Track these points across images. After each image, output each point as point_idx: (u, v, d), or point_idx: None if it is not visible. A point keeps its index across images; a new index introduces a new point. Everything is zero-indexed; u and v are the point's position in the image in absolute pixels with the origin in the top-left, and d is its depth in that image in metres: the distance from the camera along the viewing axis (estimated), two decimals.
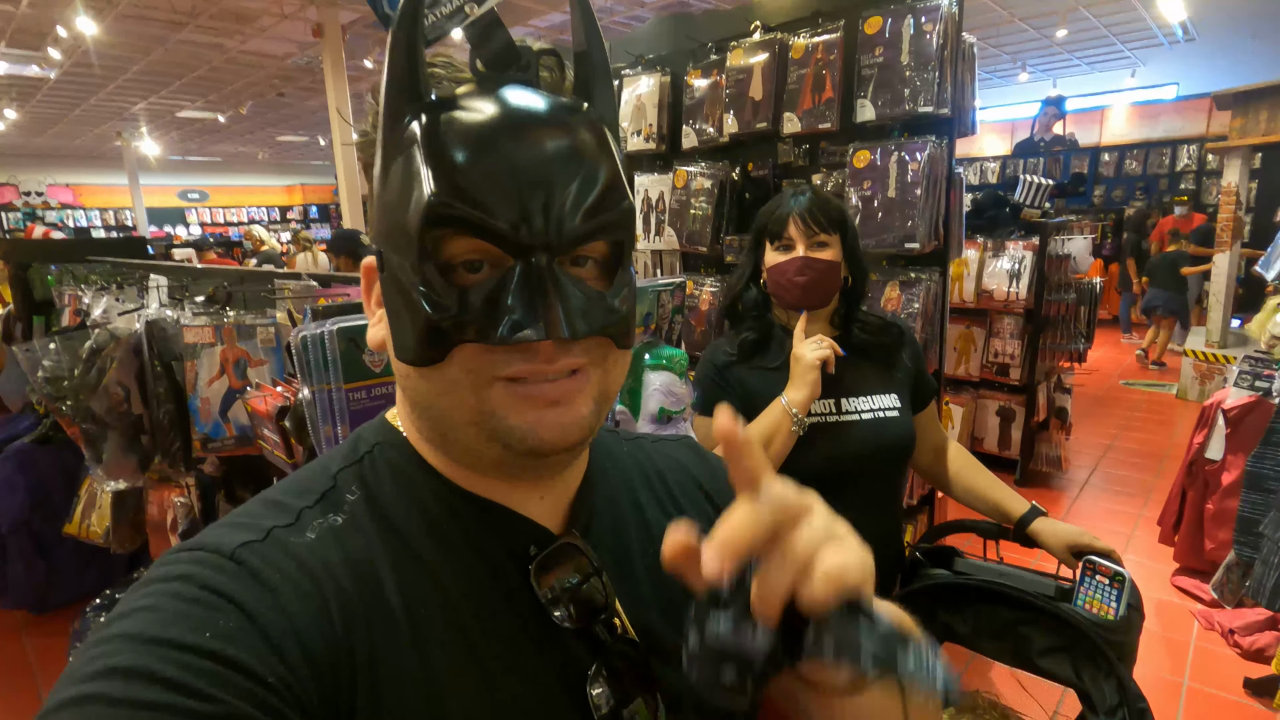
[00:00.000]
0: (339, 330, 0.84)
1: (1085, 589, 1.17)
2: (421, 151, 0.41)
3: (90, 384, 1.70)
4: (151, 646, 0.35)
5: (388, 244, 0.44)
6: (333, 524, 0.45)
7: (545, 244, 0.41)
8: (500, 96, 0.43)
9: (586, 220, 0.42)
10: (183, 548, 0.42)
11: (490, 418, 0.43)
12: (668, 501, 0.59)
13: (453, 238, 0.41)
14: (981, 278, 3.83)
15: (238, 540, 0.42)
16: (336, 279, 1.51)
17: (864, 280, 1.35)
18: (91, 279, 2.68)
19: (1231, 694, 2.32)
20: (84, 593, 2.81)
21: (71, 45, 7.51)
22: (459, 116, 0.41)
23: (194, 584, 0.39)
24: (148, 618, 0.37)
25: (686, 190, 2.93)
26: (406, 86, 0.42)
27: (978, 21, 7.85)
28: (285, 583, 0.41)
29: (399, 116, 0.42)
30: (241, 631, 0.37)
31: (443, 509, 0.48)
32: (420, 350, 0.43)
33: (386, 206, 0.43)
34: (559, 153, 0.42)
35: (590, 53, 0.47)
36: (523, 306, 0.41)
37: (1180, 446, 4.30)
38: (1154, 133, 9.73)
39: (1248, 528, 2.13)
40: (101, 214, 15.50)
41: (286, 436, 1.26)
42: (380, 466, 0.49)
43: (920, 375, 1.39)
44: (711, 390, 1.35)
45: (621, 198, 0.44)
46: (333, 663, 0.40)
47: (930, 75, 2.28)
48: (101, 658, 0.35)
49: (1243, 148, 5.03)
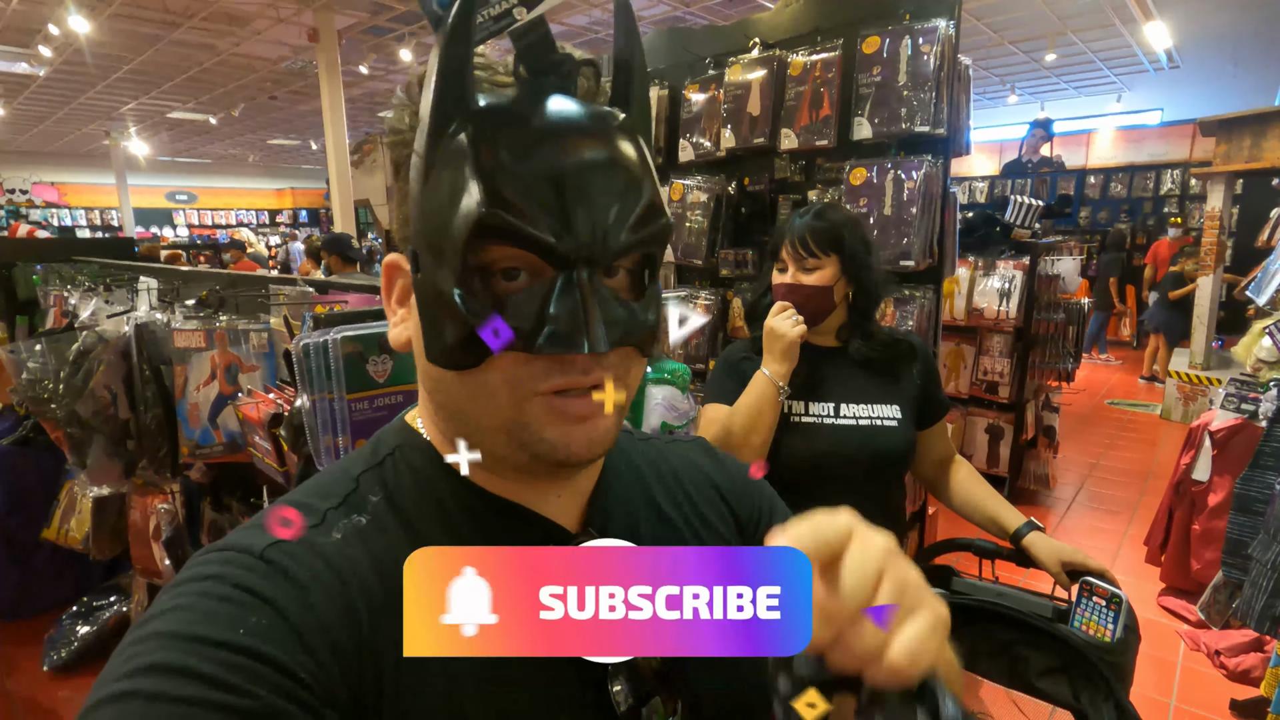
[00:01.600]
0: (343, 339, 0.82)
1: (1082, 610, 1.17)
2: (470, 162, 0.41)
3: (76, 387, 1.66)
4: (187, 644, 0.36)
5: (426, 247, 0.43)
6: (357, 524, 0.46)
7: (589, 257, 0.41)
8: (546, 108, 0.43)
9: (631, 235, 0.43)
10: (212, 549, 0.43)
11: (524, 429, 0.44)
12: (684, 502, 0.60)
13: (495, 246, 0.42)
14: (972, 296, 3.86)
15: (266, 540, 0.42)
16: (334, 285, 1.50)
17: (869, 295, 1.35)
18: (79, 279, 2.64)
19: (1218, 715, 2.33)
20: (59, 600, 2.75)
21: (62, 43, 7.44)
22: (507, 128, 0.42)
23: (226, 583, 0.40)
24: (182, 616, 0.38)
25: (683, 203, 2.93)
26: (455, 93, 0.41)
27: (969, 44, 7.98)
28: (314, 581, 0.41)
29: (446, 122, 0.42)
30: (274, 628, 0.38)
31: (461, 509, 0.49)
32: (457, 355, 0.43)
33: (427, 211, 0.43)
34: (604, 166, 0.42)
35: (631, 58, 0.47)
36: (564, 318, 0.41)
37: (1164, 466, 4.35)
38: (1139, 156, 9.90)
39: (1236, 549, 2.15)
40: (87, 213, 15.33)
41: (278, 444, 1.24)
42: (401, 469, 0.50)
43: (930, 393, 1.41)
44: (719, 379, 1.40)
45: (661, 213, 0.45)
46: (360, 660, 0.41)
47: (927, 95, 2.31)
48: (138, 656, 0.36)
49: (1226, 173, 5.13)
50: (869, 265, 1.33)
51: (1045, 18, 7.44)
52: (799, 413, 1.35)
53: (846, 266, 1.31)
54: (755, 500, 0.64)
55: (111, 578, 2.78)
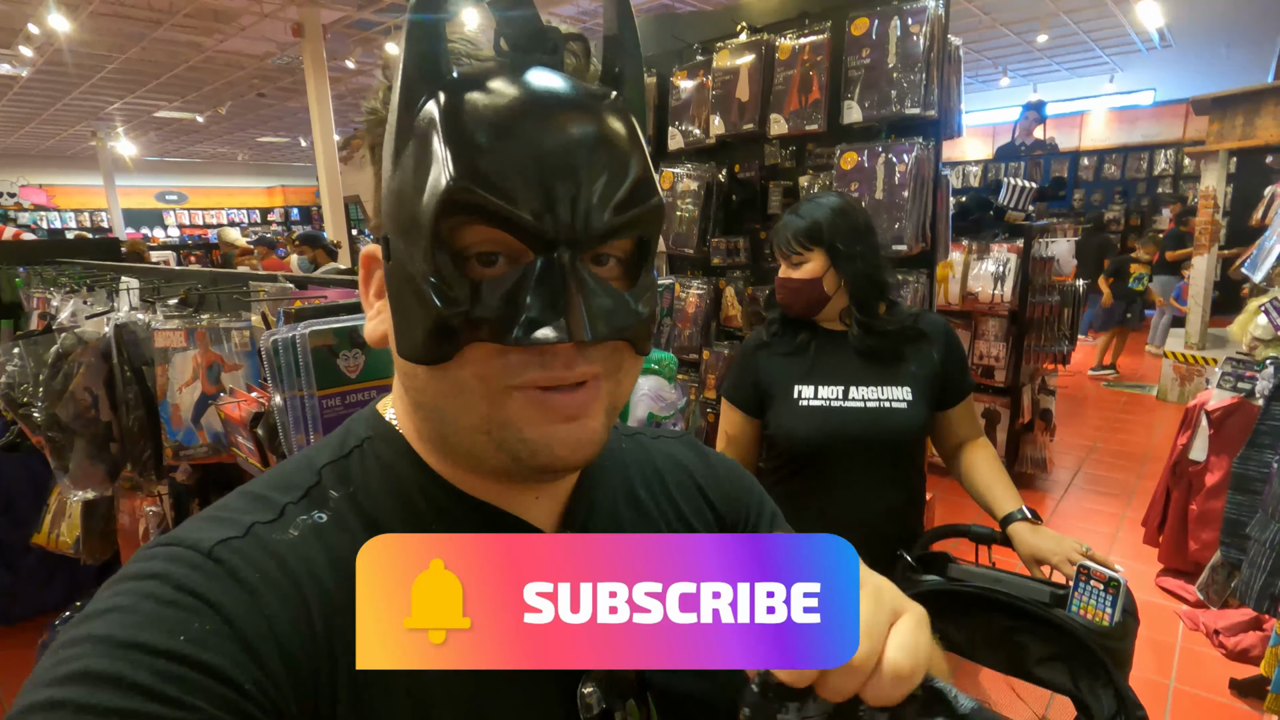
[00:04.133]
0: (311, 333, 0.79)
1: (1080, 594, 1.15)
2: (440, 133, 0.37)
3: (56, 390, 1.63)
4: (123, 650, 0.34)
5: (396, 230, 0.40)
6: (316, 521, 0.43)
7: (570, 238, 0.38)
8: (526, 79, 0.39)
9: (616, 215, 0.39)
10: (159, 542, 0.40)
11: (503, 428, 0.41)
12: (665, 502, 0.57)
13: (469, 226, 0.38)
14: (967, 280, 3.84)
15: (217, 536, 0.40)
16: (314, 280, 1.47)
17: (864, 281, 1.35)
18: (61, 281, 2.60)
19: (1219, 695, 2.32)
20: (50, 604, 2.73)
21: (44, 43, 7.35)
22: (482, 98, 0.38)
23: (169, 584, 0.37)
24: (120, 619, 0.35)
25: (673, 192, 2.90)
26: (427, 62, 0.38)
27: (960, 26, 7.92)
28: (265, 583, 0.39)
29: (416, 94, 0.39)
30: (217, 635, 0.36)
31: (431, 509, 0.46)
32: (428, 347, 0.40)
33: (397, 190, 0.40)
34: (588, 141, 0.39)
35: (622, 37, 0.44)
36: (542, 305, 0.38)
37: (1160, 447, 4.35)
38: (1132, 137, 9.87)
39: (1234, 529, 2.14)
40: (76, 215, 15.21)
41: (261, 444, 1.21)
42: (369, 462, 0.47)
43: (951, 375, 1.41)
44: (737, 374, 1.47)
45: (652, 193, 0.41)
46: (313, 668, 0.38)
47: (917, 77, 2.28)
48: (71, 660, 0.33)
49: (1220, 152, 5.10)
50: (856, 254, 1.34)
51: None
52: (808, 396, 1.37)
53: (832, 257, 1.34)
54: (743, 502, 0.61)
55: (103, 581, 2.76)
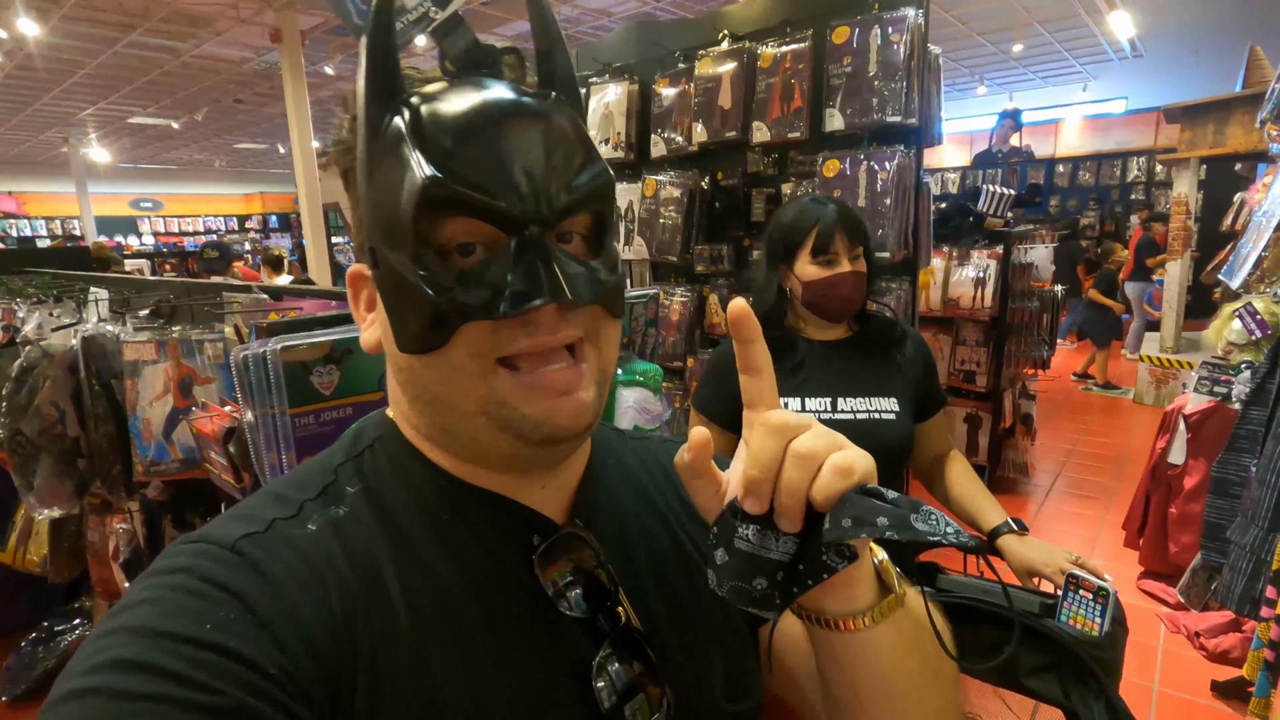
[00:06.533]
0: (282, 349, 0.76)
1: (1069, 604, 1.15)
2: (409, 141, 0.42)
3: (20, 405, 1.58)
4: (154, 639, 0.36)
5: (381, 237, 0.44)
6: (334, 516, 0.46)
7: (538, 217, 0.42)
8: (475, 89, 0.44)
9: (573, 192, 0.44)
10: (185, 540, 0.43)
11: (501, 407, 0.44)
12: (673, 497, 0.60)
13: (446, 221, 0.42)
14: (948, 286, 3.87)
15: (240, 532, 0.42)
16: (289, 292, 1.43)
17: (876, 281, 1.39)
18: (28, 291, 2.53)
19: (1201, 698, 2.34)
20: (15, 624, 2.64)
21: (13, 47, 7.20)
22: (441, 107, 0.43)
23: (195, 576, 0.39)
24: (149, 611, 0.37)
25: (656, 199, 2.89)
26: (385, 88, 0.43)
27: (937, 36, 8.02)
28: (286, 574, 0.41)
29: (380, 115, 0.43)
30: (242, 623, 0.38)
31: (443, 502, 0.48)
32: (425, 336, 0.43)
33: (376, 203, 0.44)
34: (539, 132, 0.43)
35: (553, 54, 0.48)
36: (523, 277, 0.42)
37: (1138, 450, 4.40)
38: (1105, 145, 10.05)
39: (1214, 533, 2.15)
40: (48, 223, 14.86)
41: (234, 460, 1.17)
42: (381, 460, 0.50)
43: (929, 386, 1.40)
44: (713, 385, 1.38)
45: (602, 171, 0.46)
46: (334, 653, 0.40)
47: (898, 85, 2.29)
48: (104, 650, 0.35)
49: (1191, 159, 5.20)
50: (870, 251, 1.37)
51: (1012, 9, 7.51)
52: (795, 409, 1.32)
53: (867, 252, 1.35)
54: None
55: (73, 600, 2.67)
